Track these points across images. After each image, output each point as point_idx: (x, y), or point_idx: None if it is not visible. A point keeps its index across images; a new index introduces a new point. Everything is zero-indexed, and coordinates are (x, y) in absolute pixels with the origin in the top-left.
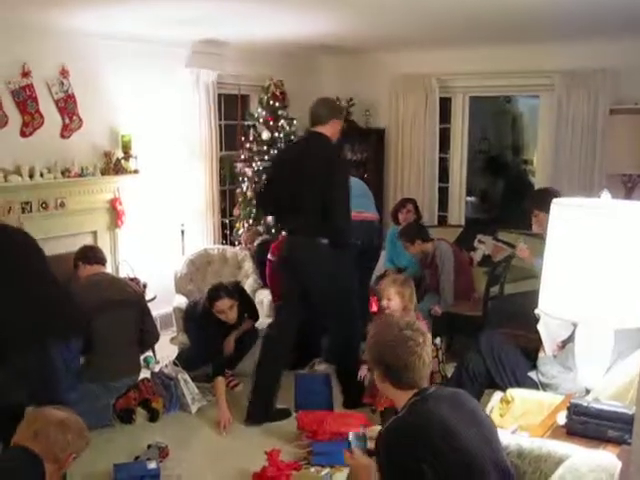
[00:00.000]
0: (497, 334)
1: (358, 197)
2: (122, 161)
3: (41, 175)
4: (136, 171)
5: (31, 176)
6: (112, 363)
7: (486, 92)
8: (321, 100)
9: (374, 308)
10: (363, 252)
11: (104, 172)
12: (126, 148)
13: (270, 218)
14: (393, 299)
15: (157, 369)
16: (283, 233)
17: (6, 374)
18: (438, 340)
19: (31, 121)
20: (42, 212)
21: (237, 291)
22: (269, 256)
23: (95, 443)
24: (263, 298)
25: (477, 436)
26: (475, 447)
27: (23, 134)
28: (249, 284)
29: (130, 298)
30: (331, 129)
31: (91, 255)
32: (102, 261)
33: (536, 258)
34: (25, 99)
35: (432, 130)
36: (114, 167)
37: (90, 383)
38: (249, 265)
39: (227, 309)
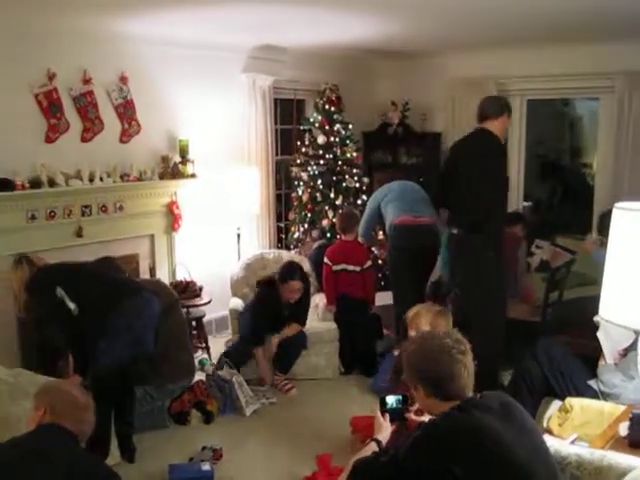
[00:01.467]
0: (556, 341)
1: (415, 201)
2: (179, 165)
3: (101, 179)
4: (193, 175)
5: (91, 180)
6: (169, 365)
7: (545, 95)
8: (491, 97)
9: None
10: (418, 257)
11: (162, 176)
12: (183, 152)
13: (325, 222)
14: (424, 329)
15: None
16: (340, 237)
17: None
18: None
19: (91, 127)
20: (101, 215)
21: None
22: (325, 260)
23: (150, 444)
24: (319, 302)
25: (526, 446)
26: (522, 457)
27: (84, 139)
28: None
29: (176, 300)
30: (500, 125)
31: None
32: None
33: (596, 250)
34: (86, 105)
35: None
36: (172, 171)
37: (150, 387)
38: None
39: (297, 290)
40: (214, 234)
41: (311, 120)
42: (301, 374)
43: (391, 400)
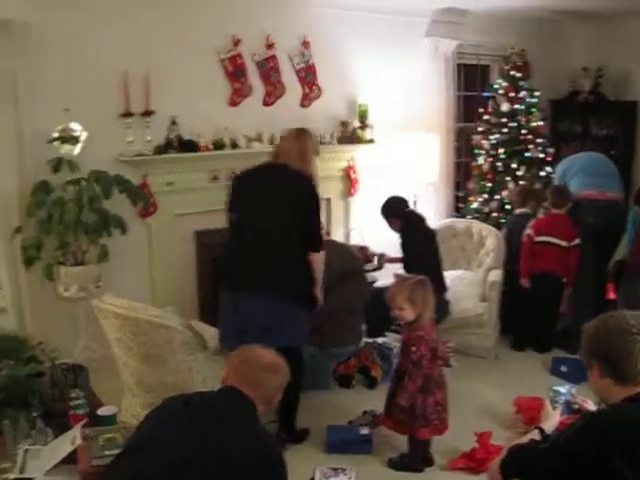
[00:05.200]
0: None
1: (602, 175)
2: (358, 130)
3: None
4: (371, 140)
5: (271, 143)
6: (339, 331)
7: None
8: None
9: (611, 295)
10: (602, 234)
11: (340, 141)
12: (363, 118)
13: (505, 193)
14: (405, 308)
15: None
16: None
17: None
18: None
19: (273, 91)
20: None
21: None
22: (529, 231)
23: (313, 404)
24: (494, 278)
25: None
26: None
27: (266, 103)
28: (487, 263)
29: (360, 268)
30: None
31: None
32: None
33: None
34: (268, 70)
35: None
36: (350, 136)
37: (314, 347)
38: (492, 242)
39: None
40: None
41: (495, 86)
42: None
43: (564, 390)
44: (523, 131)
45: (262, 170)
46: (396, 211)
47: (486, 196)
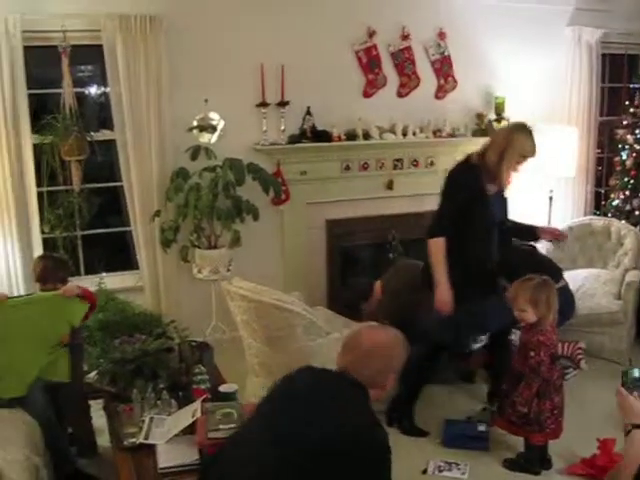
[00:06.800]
0: None
1: None
2: (494, 123)
3: (413, 134)
4: None
5: (404, 134)
6: None
7: None
8: None
9: None
10: None
11: (475, 133)
12: (499, 110)
13: None
14: (527, 310)
15: None
16: None
17: None
18: None
19: (407, 82)
20: (412, 169)
21: None
22: None
23: (434, 396)
24: (632, 279)
25: None
26: None
27: (399, 94)
28: (624, 263)
29: None
30: None
31: None
32: None
33: None
34: (403, 61)
35: None
36: (485, 129)
37: None
38: (631, 242)
39: None
40: (524, 195)
41: None
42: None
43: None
44: None
45: None
46: None
47: (628, 193)
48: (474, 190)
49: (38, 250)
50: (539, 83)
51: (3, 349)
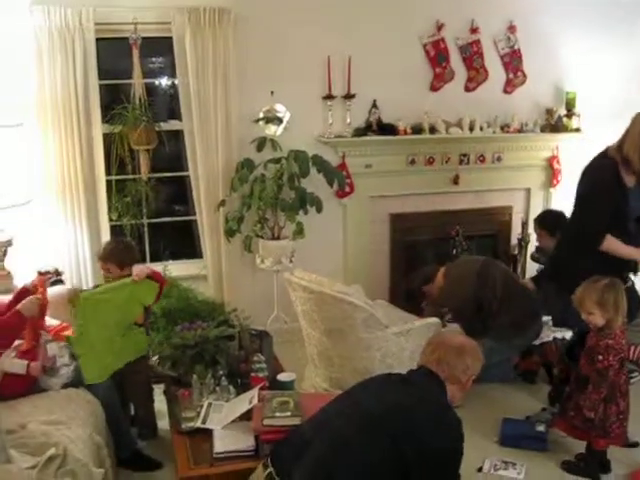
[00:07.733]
0: None
1: None
2: (564, 119)
3: (480, 129)
4: (578, 129)
5: (471, 129)
6: (508, 318)
7: None
8: None
9: None
10: None
11: (543, 129)
12: (570, 106)
13: None
14: (594, 313)
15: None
16: None
17: None
18: None
19: (475, 76)
20: (478, 165)
21: None
22: None
23: (493, 395)
24: None
25: None
26: None
27: (467, 89)
28: None
29: None
30: None
31: None
32: None
33: None
34: (471, 55)
35: None
36: (554, 125)
37: (490, 339)
38: None
39: None
40: None
41: None
42: None
43: None
44: None
45: None
46: (549, 227)
47: None
48: (612, 187)
49: (106, 237)
50: (615, 77)
51: (98, 336)
